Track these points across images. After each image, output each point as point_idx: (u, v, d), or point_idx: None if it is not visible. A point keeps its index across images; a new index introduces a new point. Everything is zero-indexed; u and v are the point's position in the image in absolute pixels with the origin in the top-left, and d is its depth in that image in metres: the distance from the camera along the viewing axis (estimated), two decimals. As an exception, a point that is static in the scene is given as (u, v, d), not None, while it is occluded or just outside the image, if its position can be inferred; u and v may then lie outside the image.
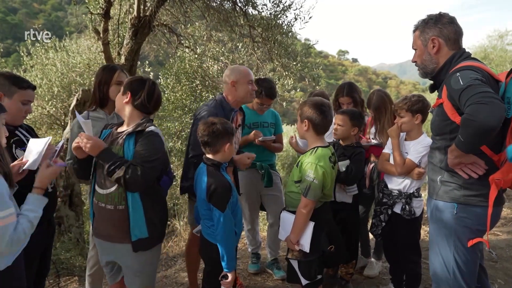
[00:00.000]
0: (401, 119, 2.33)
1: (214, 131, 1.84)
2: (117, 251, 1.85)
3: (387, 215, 2.42)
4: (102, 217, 1.84)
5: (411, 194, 2.34)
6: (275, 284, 2.97)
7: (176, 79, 5.94)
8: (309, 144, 2.12)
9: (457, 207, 1.69)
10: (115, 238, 1.82)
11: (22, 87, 1.91)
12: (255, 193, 3.03)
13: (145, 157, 1.71)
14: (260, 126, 2.98)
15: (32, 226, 1.47)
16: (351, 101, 3.03)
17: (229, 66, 2.61)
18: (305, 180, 1.98)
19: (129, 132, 1.78)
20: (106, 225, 1.84)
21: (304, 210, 1.97)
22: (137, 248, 1.78)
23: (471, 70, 1.56)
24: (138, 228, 1.77)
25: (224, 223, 1.82)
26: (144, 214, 1.77)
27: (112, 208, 1.78)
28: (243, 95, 2.39)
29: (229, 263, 1.85)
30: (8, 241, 1.36)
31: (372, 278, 2.96)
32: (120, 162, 1.67)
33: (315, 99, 2.14)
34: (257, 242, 3.25)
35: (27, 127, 2.12)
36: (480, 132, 1.42)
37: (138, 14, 4.30)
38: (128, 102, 1.82)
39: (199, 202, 1.96)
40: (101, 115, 2.29)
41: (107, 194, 1.79)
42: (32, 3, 79.04)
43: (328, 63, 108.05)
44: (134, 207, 1.76)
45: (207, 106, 2.40)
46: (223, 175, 1.90)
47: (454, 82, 1.55)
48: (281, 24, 4.47)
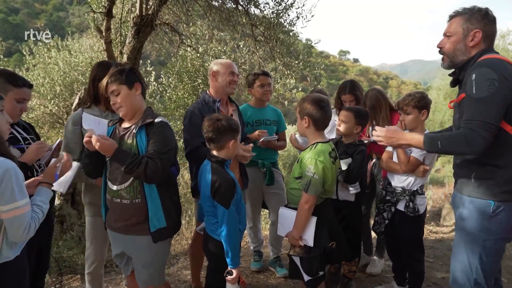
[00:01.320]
0: (407, 116, 2.31)
1: (219, 127, 1.84)
2: (130, 243, 1.88)
3: (391, 213, 2.42)
4: (116, 212, 1.87)
5: (415, 191, 2.33)
6: (278, 282, 2.97)
7: (178, 78, 5.95)
8: (310, 141, 2.13)
9: (493, 205, 1.60)
10: (130, 231, 1.85)
11: (17, 85, 1.92)
12: (257, 191, 3.03)
13: (160, 148, 1.76)
14: (263, 124, 2.98)
15: (44, 216, 1.54)
16: (353, 98, 3.03)
17: (215, 60, 2.68)
18: (306, 175, 1.98)
19: (140, 125, 1.81)
20: (121, 219, 1.86)
21: (306, 206, 1.97)
22: (157, 238, 1.83)
23: (490, 68, 1.52)
24: (156, 219, 1.81)
25: (229, 220, 1.82)
26: (161, 204, 1.82)
27: (128, 202, 1.82)
28: (223, 85, 2.45)
29: (234, 259, 1.86)
30: (26, 228, 1.42)
31: (375, 276, 2.96)
32: (136, 160, 1.70)
33: (314, 95, 2.15)
34: (259, 240, 3.25)
35: (26, 124, 2.12)
36: (461, 153, 1.49)
37: (140, 13, 4.31)
38: (140, 92, 1.86)
39: (203, 199, 1.96)
40: (96, 112, 2.27)
41: (122, 190, 1.82)
42: (34, 3, 79.24)
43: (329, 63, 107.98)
44: (152, 199, 1.80)
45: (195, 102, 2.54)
46: (227, 172, 1.90)
47: (469, 85, 1.54)
48: (283, 23, 4.46)
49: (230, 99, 2.64)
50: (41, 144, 1.93)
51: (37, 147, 1.89)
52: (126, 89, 1.83)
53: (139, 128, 1.80)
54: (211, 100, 2.45)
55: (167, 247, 1.99)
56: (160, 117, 1.85)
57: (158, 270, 1.96)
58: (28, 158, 1.85)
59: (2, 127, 1.50)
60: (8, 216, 1.40)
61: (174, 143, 1.88)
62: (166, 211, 1.84)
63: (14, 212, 1.40)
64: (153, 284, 1.94)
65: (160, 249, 1.89)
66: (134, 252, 1.90)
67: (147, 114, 1.85)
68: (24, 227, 1.42)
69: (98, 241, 2.37)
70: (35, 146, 1.89)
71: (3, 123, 1.51)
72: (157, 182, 1.79)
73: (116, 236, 1.93)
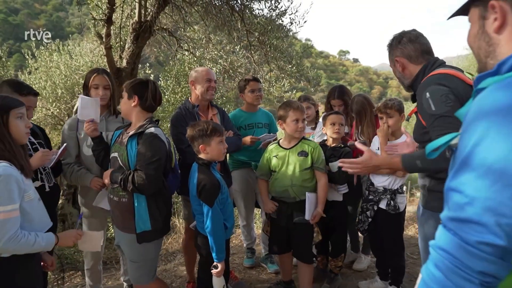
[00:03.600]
0: (390, 119, 2.47)
1: (189, 135, 2.06)
2: (122, 238, 2.07)
3: (373, 211, 2.57)
4: (112, 207, 2.10)
5: (395, 190, 2.49)
6: (269, 277, 3.12)
7: (176, 81, 6.10)
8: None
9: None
10: (121, 227, 2.03)
11: (23, 93, 2.08)
12: (250, 191, 3.16)
13: (146, 159, 1.87)
14: (255, 127, 3.12)
15: (33, 245, 1.55)
16: (342, 103, 3.18)
17: (193, 69, 2.81)
18: (323, 160, 2.46)
19: (132, 134, 1.94)
20: (114, 215, 2.10)
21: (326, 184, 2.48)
22: (141, 240, 1.96)
23: (440, 84, 1.56)
24: (142, 221, 1.95)
25: (212, 217, 1.95)
26: (148, 208, 1.95)
27: (117, 199, 2.00)
28: (201, 92, 2.61)
29: (219, 254, 2.00)
30: (10, 236, 1.46)
31: (361, 272, 3.11)
32: (125, 177, 1.86)
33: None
34: (252, 238, 3.39)
35: (37, 128, 2.28)
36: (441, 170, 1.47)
37: (139, 19, 4.45)
38: (136, 105, 1.99)
39: (191, 198, 2.11)
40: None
41: (114, 188, 2.01)
42: (34, 4, 79.20)
43: (329, 63, 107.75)
44: (139, 202, 1.94)
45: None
46: (212, 173, 2.05)
47: (426, 104, 1.57)
48: (277, 29, 4.61)
49: (211, 103, 2.78)
50: (46, 152, 2.07)
51: (42, 155, 2.02)
52: (126, 97, 2.02)
53: (130, 137, 1.94)
54: (190, 106, 2.62)
55: (155, 248, 2.08)
56: (153, 128, 1.94)
57: (146, 268, 2.06)
58: (33, 164, 1.97)
59: (21, 132, 1.62)
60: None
61: (162, 153, 1.93)
62: (152, 214, 1.95)
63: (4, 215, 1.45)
64: (142, 281, 2.07)
65: (147, 249, 2.00)
66: (124, 246, 2.07)
67: (143, 125, 1.96)
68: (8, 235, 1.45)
69: None
70: (40, 154, 2.01)
71: (22, 128, 1.63)
72: (150, 192, 1.91)
73: (115, 229, 2.15)
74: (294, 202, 2.43)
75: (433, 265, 0.73)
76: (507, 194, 0.63)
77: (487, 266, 0.65)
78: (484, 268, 0.65)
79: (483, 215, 0.65)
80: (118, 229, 2.08)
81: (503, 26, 0.80)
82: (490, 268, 0.65)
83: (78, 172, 2.34)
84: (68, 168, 2.36)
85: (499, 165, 0.64)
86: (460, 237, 0.68)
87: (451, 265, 0.69)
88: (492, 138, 0.65)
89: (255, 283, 3.02)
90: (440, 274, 0.70)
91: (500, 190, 0.63)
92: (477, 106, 0.71)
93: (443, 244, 0.71)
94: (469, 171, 0.68)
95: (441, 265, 0.71)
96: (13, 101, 1.68)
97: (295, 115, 2.40)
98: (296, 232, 2.47)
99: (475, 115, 0.70)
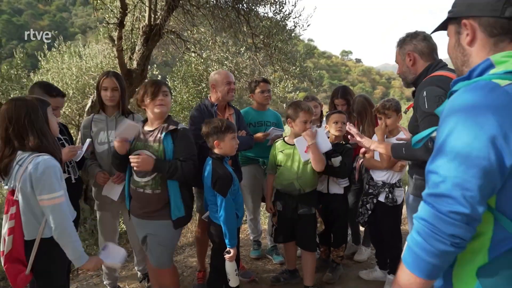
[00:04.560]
0: (389, 119, 2.64)
1: (204, 131, 2.25)
2: (151, 226, 2.21)
3: (373, 204, 2.74)
4: (140, 200, 2.21)
5: (393, 184, 2.66)
6: (274, 268, 3.31)
7: (183, 82, 6.30)
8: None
9: None
10: (151, 217, 2.19)
11: (52, 95, 2.32)
12: (257, 186, 3.34)
13: (190, 150, 2.17)
14: (264, 125, 3.30)
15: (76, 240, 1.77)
16: (345, 102, 3.36)
17: (213, 72, 2.99)
18: None
19: (167, 131, 2.14)
20: (144, 206, 2.20)
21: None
22: (177, 225, 2.20)
23: (437, 86, 1.74)
24: (177, 209, 2.17)
25: (226, 206, 2.15)
26: (181, 197, 2.18)
27: (150, 192, 2.16)
28: (222, 95, 2.80)
29: (231, 240, 2.19)
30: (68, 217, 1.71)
31: (361, 263, 3.29)
32: (173, 167, 2.07)
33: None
34: (258, 231, 3.58)
35: (61, 125, 2.48)
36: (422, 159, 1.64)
37: (149, 23, 4.65)
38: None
39: (206, 190, 2.30)
40: (103, 117, 2.61)
41: (145, 182, 2.17)
42: (37, 4, 79.68)
43: (332, 63, 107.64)
44: (174, 192, 2.16)
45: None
46: (225, 166, 2.24)
47: (421, 101, 1.77)
48: (281, 31, 4.79)
49: (229, 104, 2.97)
50: (72, 148, 2.31)
51: (68, 150, 2.25)
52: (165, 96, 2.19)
53: (165, 134, 2.13)
54: (209, 105, 2.81)
55: (179, 234, 2.34)
56: (180, 123, 2.20)
57: (169, 252, 2.29)
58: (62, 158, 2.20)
59: (55, 127, 1.83)
60: (48, 204, 1.68)
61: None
62: (185, 202, 2.20)
63: (53, 201, 1.68)
64: (166, 265, 2.28)
65: (177, 234, 2.25)
66: (154, 232, 2.22)
67: (170, 121, 2.19)
68: (67, 213, 1.71)
69: (107, 233, 2.73)
70: (67, 150, 2.24)
71: (55, 123, 1.83)
72: (192, 179, 2.18)
73: (140, 222, 2.26)
74: (299, 194, 2.61)
75: (415, 232, 0.91)
76: (470, 173, 0.81)
77: (456, 230, 0.83)
78: (454, 232, 0.84)
79: (452, 190, 0.83)
80: (148, 219, 2.20)
81: (473, 40, 0.99)
82: (459, 231, 0.83)
83: (89, 167, 2.56)
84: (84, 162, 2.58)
85: (464, 151, 0.82)
86: (436, 208, 0.86)
87: (429, 230, 0.87)
88: (459, 130, 0.84)
89: (262, 273, 3.21)
90: (420, 239, 0.89)
91: (465, 170, 0.82)
92: (449, 105, 0.90)
93: (423, 215, 0.89)
94: (442, 156, 0.86)
95: (421, 231, 0.89)
96: (45, 100, 1.88)
97: (304, 117, 2.58)
98: (301, 223, 2.65)
99: (448, 112, 0.89)
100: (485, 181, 0.81)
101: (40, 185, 1.67)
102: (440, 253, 0.86)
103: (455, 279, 0.94)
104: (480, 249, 0.89)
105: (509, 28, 0.93)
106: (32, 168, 1.66)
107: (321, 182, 2.83)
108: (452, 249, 0.85)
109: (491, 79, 0.86)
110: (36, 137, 1.72)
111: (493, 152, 0.80)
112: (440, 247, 0.85)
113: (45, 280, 1.84)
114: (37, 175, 1.66)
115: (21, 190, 1.70)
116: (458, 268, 0.93)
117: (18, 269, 1.76)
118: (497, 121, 0.79)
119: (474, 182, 0.81)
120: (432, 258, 0.87)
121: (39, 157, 1.70)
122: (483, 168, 0.80)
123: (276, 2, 4.62)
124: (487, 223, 0.87)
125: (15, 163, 1.72)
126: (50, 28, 58.15)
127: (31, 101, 1.77)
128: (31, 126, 1.72)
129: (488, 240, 0.88)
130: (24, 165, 1.68)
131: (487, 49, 0.97)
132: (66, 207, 1.77)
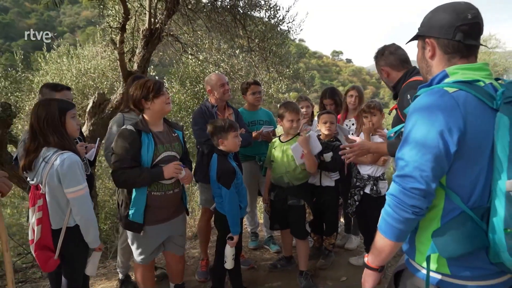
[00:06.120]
0: (375, 117, 2.92)
1: (209, 130, 2.51)
2: (171, 225, 2.34)
3: (360, 195, 3.02)
4: (167, 202, 2.26)
5: (377, 177, 2.95)
6: (271, 256, 3.58)
7: (181, 83, 6.51)
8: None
9: None
10: (172, 216, 2.34)
11: (58, 90, 2.53)
12: (254, 181, 3.58)
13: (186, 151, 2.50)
14: (257, 124, 3.56)
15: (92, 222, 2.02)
16: (333, 102, 3.67)
17: (206, 77, 3.23)
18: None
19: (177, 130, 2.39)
20: (170, 206, 2.29)
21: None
22: (187, 213, 2.51)
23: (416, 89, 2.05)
24: (186, 201, 2.48)
25: (229, 198, 2.41)
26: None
27: (171, 192, 2.28)
28: (219, 96, 3.06)
29: (234, 228, 2.44)
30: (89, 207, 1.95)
31: (351, 250, 3.58)
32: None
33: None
34: (255, 223, 3.84)
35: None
36: None
37: (149, 26, 4.86)
38: None
39: (212, 183, 2.55)
40: (133, 116, 2.77)
41: (171, 182, 2.26)
42: (24, 2, 78.03)
43: (323, 63, 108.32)
44: (184, 188, 2.43)
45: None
46: (229, 162, 2.50)
47: (406, 103, 1.97)
48: (275, 36, 5.06)
49: (228, 104, 3.23)
50: (82, 144, 2.51)
51: (80, 148, 2.42)
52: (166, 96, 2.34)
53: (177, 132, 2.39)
54: (210, 106, 3.07)
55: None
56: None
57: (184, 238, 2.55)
58: None
59: (73, 129, 2.05)
60: (74, 196, 1.92)
61: None
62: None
63: (78, 193, 1.92)
64: (183, 251, 2.54)
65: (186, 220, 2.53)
66: (174, 227, 2.37)
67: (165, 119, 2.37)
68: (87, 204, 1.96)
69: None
70: (79, 147, 2.41)
71: (75, 126, 2.06)
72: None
73: (159, 227, 2.26)
74: (288, 187, 2.87)
75: (387, 205, 1.19)
76: (425, 158, 1.09)
77: (416, 202, 1.11)
78: (414, 203, 1.11)
79: (413, 171, 1.11)
80: (169, 220, 2.30)
81: (434, 55, 1.27)
82: (417, 203, 1.11)
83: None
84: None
85: (421, 141, 1.10)
86: (401, 186, 1.13)
87: (396, 203, 1.14)
88: (418, 125, 1.11)
89: (260, 261, 3.47)
90: (390, 209, 1.16)
91: (422, 156, 1.09)
92: (413, 106, 1.17)
93: (392, 191, 1.17)
94: (406, 145, 1.14)
95: (391, 204, 1.17)
96: (68, 104, 2.11)
97: (290, 116, 2.85)
98: (291, 213, 2.91)
99: (412, 111, 1.16)
100: (436, 164, 1.08)
101: (67, 179, 1.90)
102: (404, 220, 1.13)
103: (417, 241, 1.22)
104: (435, 217, 1.16)
105: (459, 48, 1.21)
106: (59, 164, 1.89)
107: (314, 176, 3.10)
108: (413, 216, 1.12)
109: (443, 87, 1.14)
110: (56, 136, 1.96)
111: (441, 142, 1.07)
112: (404, 215, 1.13)
113: (69, 263, 2.07)
114: (63, 170, 1.89)
115: (48, 184, 1.92)
116: (419, 232, 1.21)
117: (47, 255, 1.98)
118: (444, 119, 1.07)
119: (428, 165, 1.09)
120: (399, 224, 1.15)
121: (63, 154, 1.93)
122: (435, 154, 1.08)
123: (271, 7, 4.89)
124: (440, 197, 1.15)
125: (41, 160, 1.95)
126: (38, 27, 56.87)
127: (51, 105, 2.01)
128: (50, 127, 1.96)
129: (440, 210, 1.15)
130: (50, 162, 1.91)
131: (443, 63, 1.25)
132: (89, 197, 2.01)
